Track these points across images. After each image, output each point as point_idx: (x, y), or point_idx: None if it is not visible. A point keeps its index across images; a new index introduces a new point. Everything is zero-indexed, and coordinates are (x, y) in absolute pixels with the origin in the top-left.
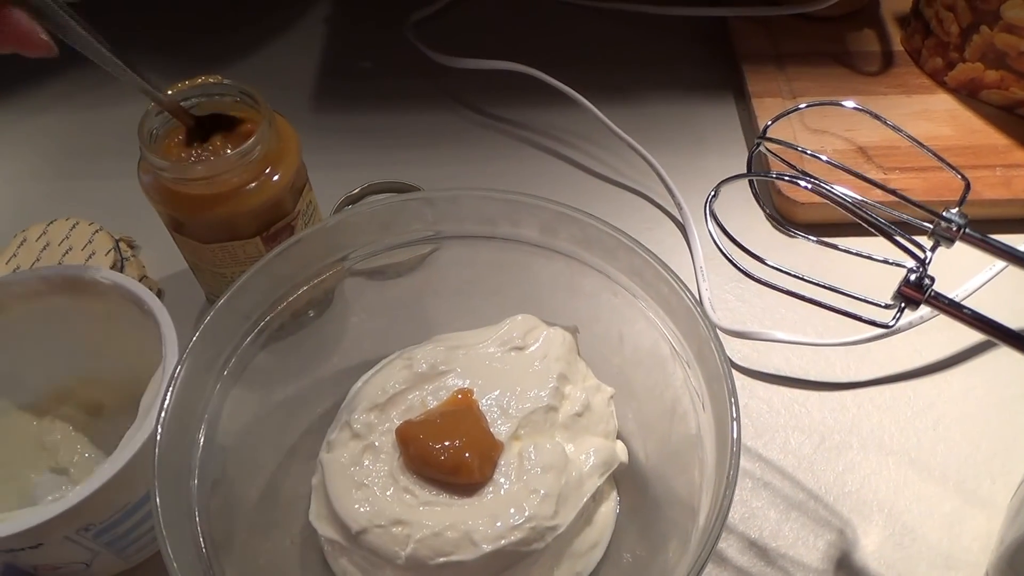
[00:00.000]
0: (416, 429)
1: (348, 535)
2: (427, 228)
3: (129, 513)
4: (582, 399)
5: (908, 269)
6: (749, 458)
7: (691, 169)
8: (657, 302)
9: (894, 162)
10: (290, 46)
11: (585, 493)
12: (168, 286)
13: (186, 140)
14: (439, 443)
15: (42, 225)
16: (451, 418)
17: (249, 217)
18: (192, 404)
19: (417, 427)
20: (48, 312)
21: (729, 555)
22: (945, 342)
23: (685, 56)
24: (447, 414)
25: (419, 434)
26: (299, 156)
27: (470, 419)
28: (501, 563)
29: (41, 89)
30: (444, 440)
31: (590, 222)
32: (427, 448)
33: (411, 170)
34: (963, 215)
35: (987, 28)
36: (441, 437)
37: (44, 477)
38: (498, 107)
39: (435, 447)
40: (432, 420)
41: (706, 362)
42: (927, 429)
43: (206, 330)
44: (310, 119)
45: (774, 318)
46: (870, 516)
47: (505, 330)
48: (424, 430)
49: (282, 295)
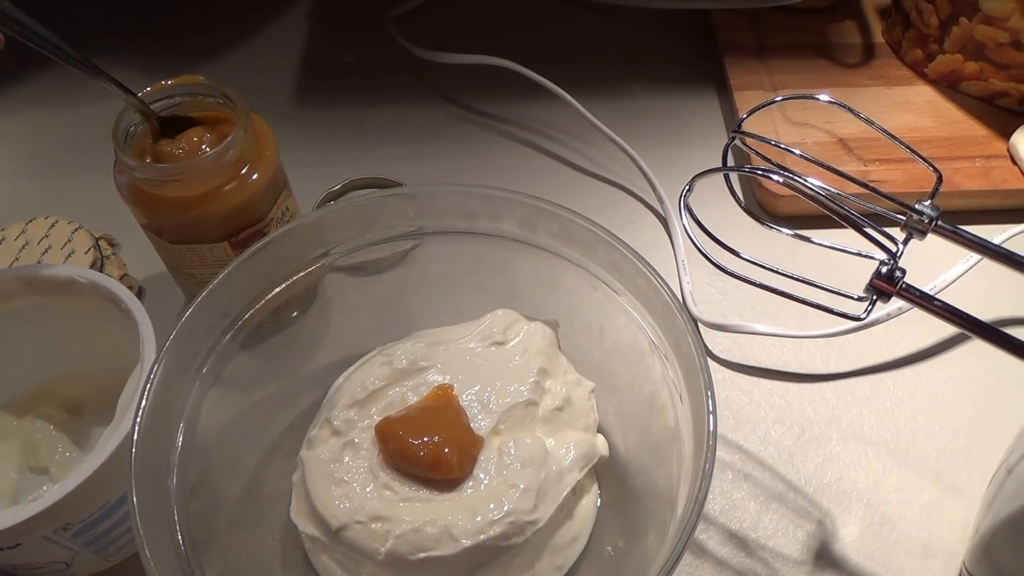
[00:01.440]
0: (395, 425)
1: (328, 532)
2: (408, 224)
3: (108, 512)
4: (563, 393)
5: (880, 262)
6: (730, 450)
7: (673, 163)
8: (636, 296)
9: (874, 154)
10: (271, 42)
11: (565, 487)
12: (149, 285)
13: (155, 140)
14: (418, 439)
15: (21, 224)
16: (431, 413)
17: (220, 220)
18: (170, 402)
19: (396, 423)
20: (27, 312)
21: (710, 546)
22: (923, 334)
23: (667, 50)
24: (427, 409)
25: (398, 430)
26: (276, 159)
27: (450, 414)
28: (481, 558)
29: (20, 87)
30: (423, 436)
31: (569, 217)
32: (406, 444)
33: (393, 165)
34: (935, 207)
35: (966, 20)
36: (420, 433)
37: (25, 477)
38: (480, 102)
39: (414, 443)
40: (412, 416)
41: (684, 355)
42: (906, 420)
43: (184, 327)
44: (291, 115)
45: (755, 311)
46: (849, 506)
47: (486, 325)
48: (403, 426)
49: (261, 292)
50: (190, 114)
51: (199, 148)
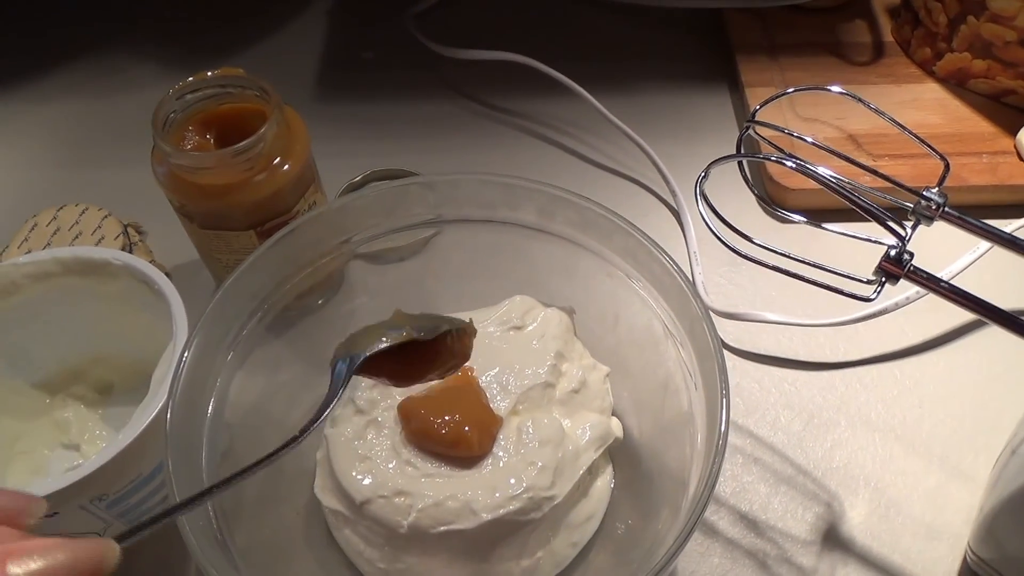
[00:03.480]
0: (418, 404)
1: (352, 506)
2: (428, 212)
3: (140, 485)
4: (579, 376)
5: (889, 246)
6: (740, 435)
7: (686, 157)
8: (651, 282)
9: (883, 149)
10: (293, 37)
11: (581, 466)
12: (174, 272)
13: (198, 131)
14: (440, 417)
15: (52, 210)
16: (452, 394)
17: (248, 209)
18: (202, 379)
19: (419, 402)
20: (61, 293)
21: (721, 527)
22: (930, 324)
23: (681, 47)
24: (448, 390)
25: (421, 409)
26: (308, 153)
27: (470, 395)
28: (500, 532)
29: (51, 78)
30: (445, 415)
31: (586, 205)
32: (429, 422)
33: (412, 158)
34: (943, 194)
35: (974, 18)
36: (442, 412)
37: (56, 453)
38: (497, 97)
39: (436, 421)
40: (433, 396)
41: (698, 340)
42: (912, 407)
43: (215, 307)
44: (312, 109)
45: (765, 300)
46: (856, 490)
47: (504, 310)
48: (426, 405)
49: (287, 276)
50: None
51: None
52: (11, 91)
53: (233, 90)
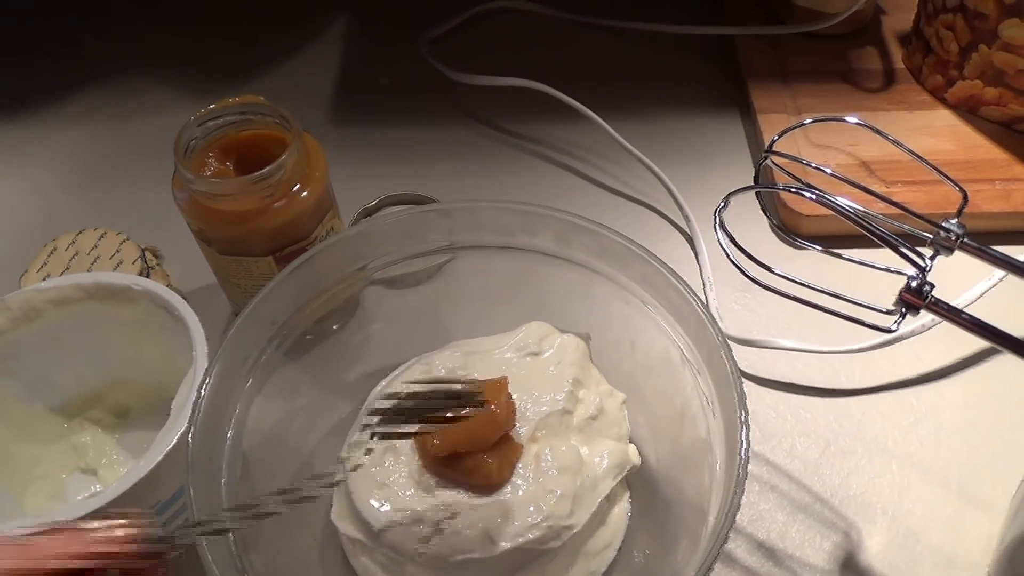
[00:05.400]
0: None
1: (370, 533)
2: (444, 238)
3: (160, 511)
4: (596, 403)
5: (908, 276)
6: (756, 462)
7: (698, 183)
8: (668, 309)
9: (896, 176)
10: (308, 61)
11: (600, 494)
12: (190, 296)
13: (218, 157)
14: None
15: (71, 235)
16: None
17: (267, 235)
18: (222, 405)
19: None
20: (81, 318)
21: (738, 556)
22: (946, 350)
23: (693, 73)
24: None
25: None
26: (326, 180)
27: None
28: (519, 561)
29: (68, 102)
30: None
31: (604, 233)
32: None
33: (426, 183)
34: (961, 225)
35: (985, 47)
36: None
37: (73, 477)
38: (510, 122)
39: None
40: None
41: (716, 368)
42: (929, 434)
43: (237, 333)
44: (327, 133)
45: (779, 327)
46: (874, 518)
47: (521, 336)
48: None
49: (306, 302)
50: (249, 131)
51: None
52: (29, 115)
53: (254, 117)
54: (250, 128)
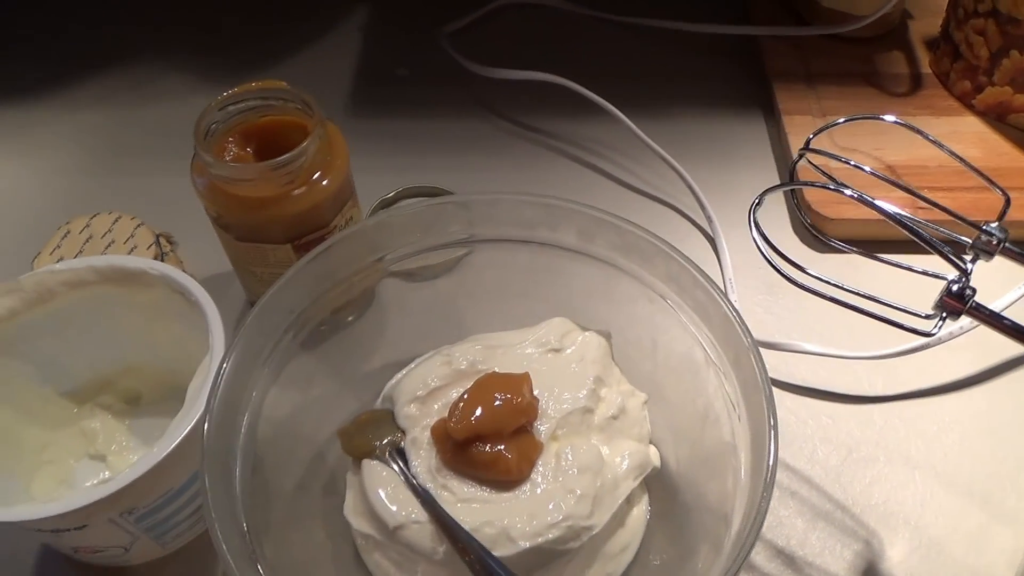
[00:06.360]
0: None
1: (385, 530)
2: (464, 231)
3: (170, 499)
4: (618, 402)
5: (949, 280)
6: (777, 467)
7: (721, 183)
8: (694, 309)
9: (924, 181)
10: (326, 53)
11: (620, 495)
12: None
13: (238, 142)
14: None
15: (85, 218)
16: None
17: (286, 223)
18: (238, 393)
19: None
20: (96, 301)
21: (757, 562)
22: (972, 359)
23: (717, 73)
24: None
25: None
26: (347, 168)
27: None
28: (537, 560)
29: (84, 86)
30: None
31: (629, 228)
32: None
33: (444, 176)
34: (1003, 229)
35: (1017, 53)
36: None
37: (82, 463)
38: (530, 117)
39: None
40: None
41: (744, 371)
42: (953, 444)
43: (255, 320)
44: (345, 124)
45: (802, 330)
46: (896, 528)
47: (542, 332)
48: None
49: (323, 291)
50: (270, 116)
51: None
52: (45, 98)
53: (275, 102)
54: (271, 113)
